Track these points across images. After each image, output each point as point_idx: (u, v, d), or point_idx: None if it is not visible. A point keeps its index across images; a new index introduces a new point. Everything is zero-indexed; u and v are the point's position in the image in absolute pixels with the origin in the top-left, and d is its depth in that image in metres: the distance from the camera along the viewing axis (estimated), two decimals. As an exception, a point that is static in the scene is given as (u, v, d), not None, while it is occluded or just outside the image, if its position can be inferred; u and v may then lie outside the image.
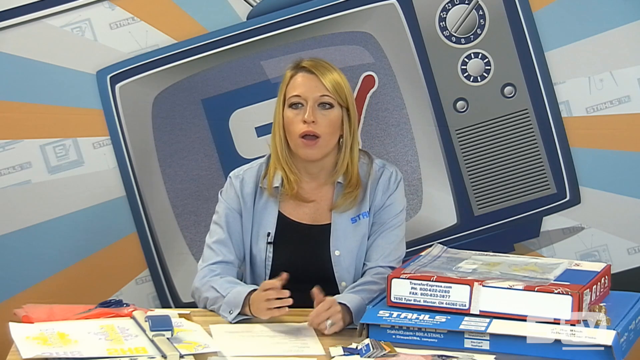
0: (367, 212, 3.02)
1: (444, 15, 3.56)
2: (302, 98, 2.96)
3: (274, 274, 2.98)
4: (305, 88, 2.97)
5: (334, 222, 3.02)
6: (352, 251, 3.01)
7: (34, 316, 2.69)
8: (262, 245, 3.01)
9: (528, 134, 3.61)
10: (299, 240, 3.02)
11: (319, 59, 3.04)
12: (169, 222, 3.63)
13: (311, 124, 2.93)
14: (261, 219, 3.02)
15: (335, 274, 3.00)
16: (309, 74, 2.98)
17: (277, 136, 3.00)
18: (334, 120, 2.97)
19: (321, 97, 2.96)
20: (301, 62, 3.01)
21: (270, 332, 2.73)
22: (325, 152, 2.99)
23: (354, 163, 3.01)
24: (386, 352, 2.52)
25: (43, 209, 3.58)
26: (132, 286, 3.64)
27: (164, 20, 3.53)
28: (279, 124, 2.99)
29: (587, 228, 3.64)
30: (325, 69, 2.99)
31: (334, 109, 2.97)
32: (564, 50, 3.56)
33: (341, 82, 2.99)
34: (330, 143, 2.99)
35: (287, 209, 3.03)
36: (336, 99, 2.97)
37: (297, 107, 2.97)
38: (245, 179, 3.04)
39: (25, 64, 3.52)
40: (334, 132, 2.98)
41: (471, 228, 3.65)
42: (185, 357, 2.47)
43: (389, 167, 3.06)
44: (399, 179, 3.06)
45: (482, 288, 2.57)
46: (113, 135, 3.58)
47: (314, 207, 3.03)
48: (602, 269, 2.74)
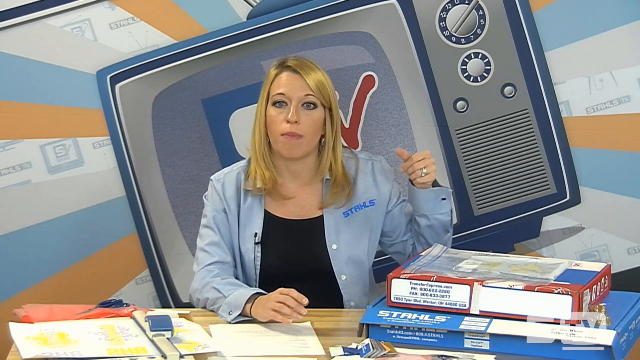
0: (359, 205, 3.03)
1: (444, 15, 3.56)
2: (286, 97, 2.98)
3: (264, 273, 2.99)
4: (290, 87, 2.98)
5: (326, 217, 3.03)
6: (348, 244, 3.02)
7: (34, 316, 2.69)
8: (249, 246, 3.01)
9: (528, 134, 3.61)
10: (289, 236, 3.03)
11: (303, 58, 3.06)
12: (169, 222, 3.63)
13: (294, 124, 2.94)
14: (247, 220, 3.03)
15: (333, 268, 3.00)
16: (293, 73, 2.99)
17: (257, 133, 3.02)
18: (317, 120, 2.99)
19: (305, 96, 2.98)
20: (286, 60, 3.03)
21: (270, 332, 2.73)
22: (306, 151, 3.00)
23: (337, 162, 3.04)
24: (386, 352, 2.52)
25: (43, 209, 3.58)
26: (132, 286, 3.64)
27: (164, 20, 3.53)
28: (260, 122, 3.01)
29: (587, 228, 3.64)
30: (309, 69, 3.00)
31: (317, 109, 2.99)
32: (564, 50, 3.56)
33: (325, 82, 3.00)
34: (312, 142, 3.00)
35: (274, 207, 3.04)
36: (320, 99, 2.98)
37: (281, 106, 2.98)
38: (226, 182, 3.05)
39: (25, 64, 3.51)
40: (316, 132, 3.00)
41: (471, 228, 3.65)
42: (185, 357, 2.47)
43: (375, 157, 3.13)
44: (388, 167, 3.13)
45: (482, 288, 2.57)
46: (113, 135, 3.58)
47: (297, 203, 3.04)
48: (602, 269, 2.74)
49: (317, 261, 3.01)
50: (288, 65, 3.01)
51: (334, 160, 3.03)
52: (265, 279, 3.01)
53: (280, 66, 3.03)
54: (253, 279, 3.02)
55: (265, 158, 3.02)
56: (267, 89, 3.02)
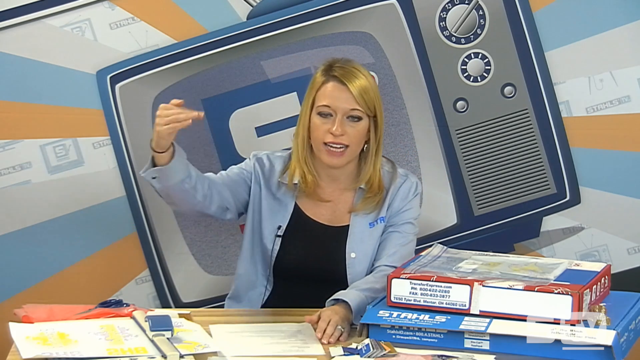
0: (384, 217, 3.03)
1: (444, 15, 3.56)
2: (331, 109, 2.96)
3: (279, 266, 2.99)
4: (335, 100, 2.95)
5: (352, 224, 3.03)
6: (367, 254, 3.01)
7: (34, 316, 2.69)
8: (270, 236, 3.02)
9: (528, 134, 3.61)
10: (313, 238, 3.02)
11: (349, 63, 3.01)
12: (169, 222, 3.63)
13: (339, 136, 2.94)
14: (275, 211, 3.03)
15: (347, 276, 3.00)
16: (339, 84, 2.96)
17: (300, 137, 3.01)
18: (361, 132, 2.98)
19: (351, 110, 2.96)
20: (333, 66, 2.99)
21: (270, 332, 2.73)
22: (349, 160, 3.00)
23: (376, 169, 3.02)
24: (386, 352, 2.52)
25: (43, 209, 3.58)
26: (132, 286, 3.64)
27: (164, 20, 3.53)
28: (304, 126, 2.99)
29: (587, 228, 3.64)
30: (355, 78, 2.96)
31: (361, 121, 2.97)
32: (564, 50, 3.56)
33: (370, 89, 2.97)
34: (355, 152, 3.00)
35: (305, 206, 3.04)
36: (365, 110, 2.96)
37: (326, 117, 2.96)
38: (275, 167, 3.06)
39: (25, 64, 3.52)
40: (359, 142, 2.99)
41: (471, 228, 3.65)
42: (185, 357, 2.47)
43: (411, 177, 3.09)
44: (419, 191, 3.09)
45: (482, 288, 2.57)
46: (113, 135, 3.58)
47: (332, 208, 3.04)
48: (602, 269, 2.74)
49: (333, 267, 3.00)
50: (334, 75, 2.97)
51: (373, 169, 3.02)
52: (279, 270, 3.01)
53: (327, 73, 2.98)
54: (267, 266, 3.02)
55: (307, 161, 3.01)
56: (313, 95, 2.99)
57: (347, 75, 2.96)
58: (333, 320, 2.69)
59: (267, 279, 3.03)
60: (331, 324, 2.68)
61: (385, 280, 2.68)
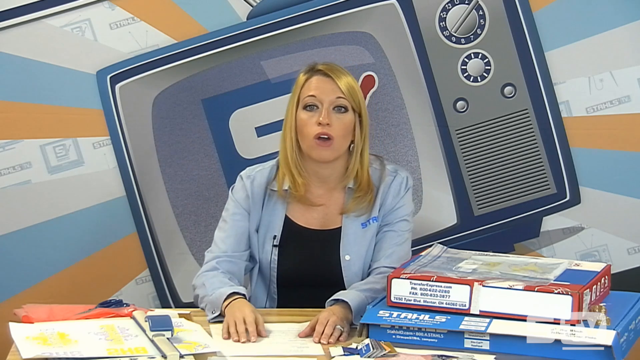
0: (376, 217, 3.02)
1: (444, 15, 3.56)
2: (317, 99, 2.96)
3: (281, 276, 2.99)
4: (321, 90, 2.96)
5: (344, 226, 3.02)
6: (361, 256, 3.01)
7: (34, 316, 2.69)
8: (268, 247, 3.02)
9: (528, 134, 3.61)
10: (306, 245, 3.02)
11: (332, 63, 3.04)
12: (169, 222, 3.63)
13: (326, 126, 2.94)
14: (269, 221, 3.03)
15: (344, 279, 2.99)
16: (324, 77, 2.98)
17: (288, 138, 3.00)
18: (348, 124, 2.97)
19: (337, 99, 2.96)
20: (316, 65, 3.01)
21: (270, 333, 2.73)
22: (337, 155, 2.98)
23: (364, 168, 3.02)
24: (386, 352, 2.52)
25: (43, 209, 3.58)
26: (132, 286, 3.64)
27: (164, 20, 3.53)
28: (291, 127, 2.99)
29: (587, 228, 3.64)
30: (340, 73, 2.99)
31: (347, 113, 2.97)
32: (564, 50, 3.56)
33: (355, 87, 2.99)
34: (343, 146, 2.99)
35: (295, 214, 3.03)
36: (350, 103, 2.97)
37: (312, 109, 2.96)
38: (257, 179, 3.04)
39: (25, 64, 3.52)
40: (346, 136, 2.98)
41: (471, 228, 3.65)
42: (185, 357, 2.47)
43: (401, 172, 3.07)
44: (410, 185, 3.06)
45: (482, 288, 2.57)
46: (113, 135, 3.58)
47: (323, 212, 3.03)
48: (602, 269, 2.74)
49: (329, 270, 3.00)
50: (318, 70, 2.99)
51: (360, 166, 3.02)
52: (281, 280, 3.02)
53: (311, 71, 3.00)
54: (271, 281, 3.02)
55: (298, 164, 3.00)
56: (297, 93, 2.99)
57: (332, 70, 2.99)
58: (331, 320, 2.69)
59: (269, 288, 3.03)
60: (329, 324, 2.68)
61: (385, 281, 2.68)
